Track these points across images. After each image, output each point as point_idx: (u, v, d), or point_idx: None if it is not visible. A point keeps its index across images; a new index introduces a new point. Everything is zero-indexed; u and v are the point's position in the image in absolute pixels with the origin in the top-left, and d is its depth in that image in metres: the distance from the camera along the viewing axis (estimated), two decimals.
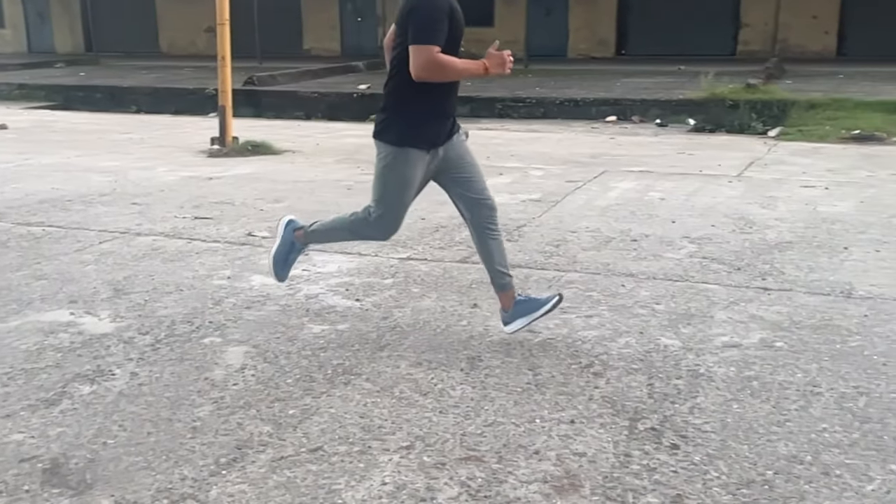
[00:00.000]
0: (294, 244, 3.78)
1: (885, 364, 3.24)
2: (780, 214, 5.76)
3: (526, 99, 13.22)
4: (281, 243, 3.78)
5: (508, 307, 3.53)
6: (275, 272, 3.80)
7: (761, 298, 4.04)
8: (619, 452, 2.64)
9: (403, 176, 3.39)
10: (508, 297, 3.53)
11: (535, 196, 6.47)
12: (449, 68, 3.18)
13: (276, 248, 3.79)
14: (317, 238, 3.80)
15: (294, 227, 3.79)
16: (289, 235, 3.78)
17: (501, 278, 3.54)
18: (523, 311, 3.50)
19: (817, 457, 2.58)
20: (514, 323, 3.51)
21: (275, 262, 3.79)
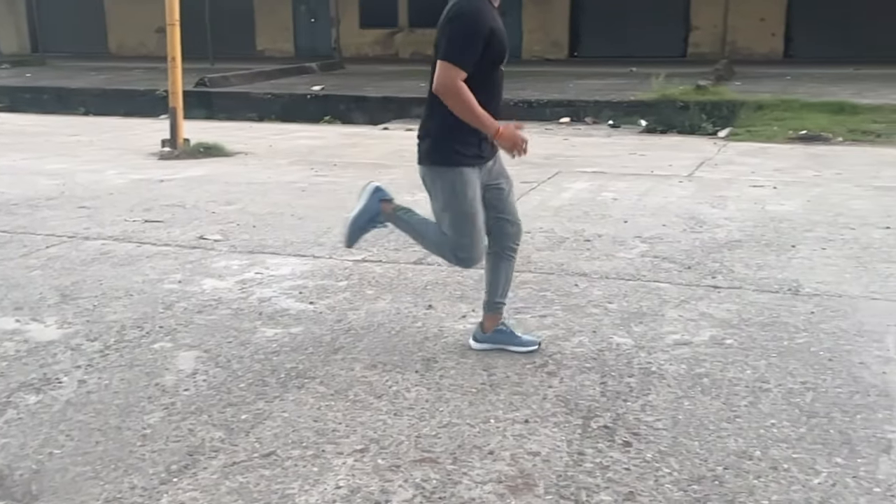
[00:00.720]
0: (378, 214, 3.43)
1: (830, 360, 3.31)
2: (730, 214, 5.85)
3: None
4: (364, 209, 3.41)
5: (489, 330, 3.45)
6: (348, 235, 3.45)
7: (711, 296, 4.10)
8: (573, 451, 2.66)
9: (465, 197, 3.16)
10: (494, 321, 3.45)
11: None
12: (463, 103, 2.98)
13: (356, 213, 3.42)
14: (402, 226, 3.47)
15: (381, 197, 3.43)
16: (374, 204, 3.41)
17: (498, 304, 3.44)
18: (500, 340, 3.44)
19: (766, 452, 2.62)
20: (484, 344, 3.45)
21: (352, 226, 3.42)
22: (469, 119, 3.02)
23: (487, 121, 3.02)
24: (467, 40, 3.00)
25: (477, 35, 3.00)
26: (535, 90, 13.98)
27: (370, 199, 3.42)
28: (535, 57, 20.91)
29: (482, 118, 3.01)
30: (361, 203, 3.44)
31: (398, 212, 3.43)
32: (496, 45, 3.06)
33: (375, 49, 22.66)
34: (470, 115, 3.01)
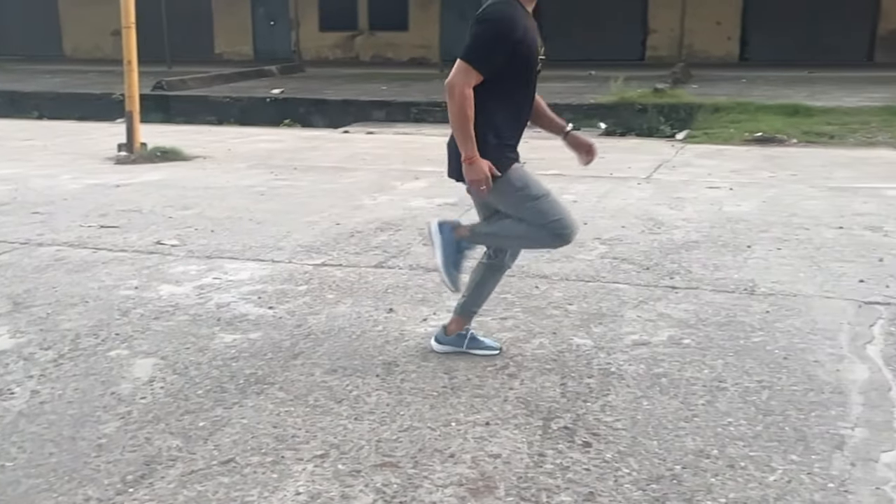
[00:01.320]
0: (460, 243, 3.34)
1: (785, 358, 3.36)
2: (688, 215, 5.92)
3: (442, 103, 13.16)
4: (444, 250, 3.32)
5: (452, 333, 3.43)
6: (449, 280, 3.35)
7: (669, 297, 4.14)
8: (534, 452, 2.66)
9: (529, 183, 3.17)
10: (459, 324, 3.43)
11: (452, 200, 6.48)
12: (461, 111, 2.94)
13: (440, 257, 3.33)
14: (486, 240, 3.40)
15: (450, 228, 3.36)
16: (449, 238, 3.33)
17: (471, 310, 3.44)
18: (460, 343, 3.41)
19: (723, 450, 2.65)
20: (445, 346, 3.44)
21: (446, 270, 3.33)
22: (456, 127, 2.98)
23: (470, 142, 2.97)
24: (490, 44, 2.94)
25: (501, 41, 2.94)
26: None
27: (442, 236, 3.35)
28: None
29: (467, 136, 2.96)
30: (437, 245, 3.35)
31: (475, 230, 3.37)
32: (522, 54, 3.00)
33: (336, 52, 22.57)
34: (460, 125, 2.96)
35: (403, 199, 6.55)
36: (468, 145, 2.98)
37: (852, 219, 5.68)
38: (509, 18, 2.95)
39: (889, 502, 2.34)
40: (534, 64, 3.08)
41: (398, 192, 6.81)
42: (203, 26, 23.16)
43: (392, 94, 14.26)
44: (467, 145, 2.98)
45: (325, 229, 5.53)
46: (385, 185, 7.12)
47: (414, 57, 21.34)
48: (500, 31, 2.94)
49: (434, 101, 13.29)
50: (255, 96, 14.65)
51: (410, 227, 5.59)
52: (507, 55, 2.96)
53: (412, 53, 21.50)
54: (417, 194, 6.72)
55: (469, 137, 2.97)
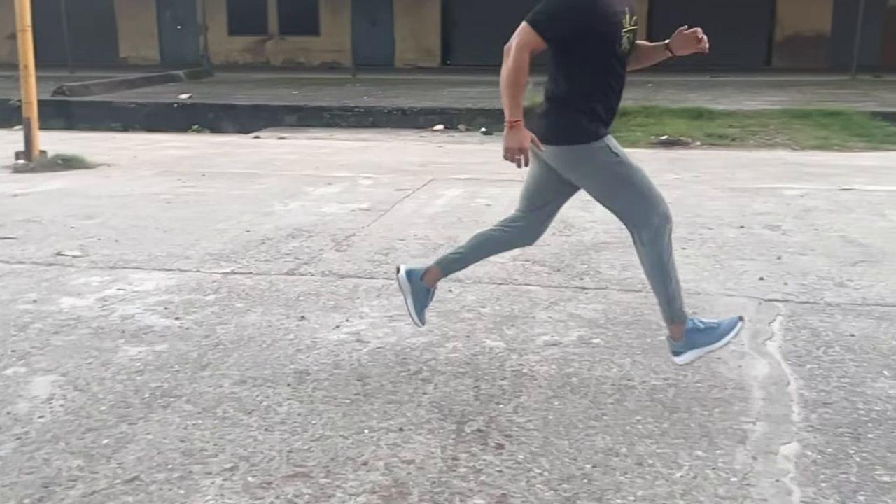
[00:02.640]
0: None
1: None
2: (597, 216, 6.01)
3: (354, 108, 13.21)
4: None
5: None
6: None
7: (579, 297, 4.21)
8: (447, 456, 2.66)
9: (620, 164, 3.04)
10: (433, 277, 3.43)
11: (365, 205, 6.46)
12: (510, 72, 2.86)
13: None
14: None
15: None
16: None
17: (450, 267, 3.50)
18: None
19: (632, 448, 2.70)
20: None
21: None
22: (503, 88, 2.90)
23: (516, 107, 2.89)
24: (560, 8, 2.84)
25: (571, 10, 2.84)
26: (408, 98, 14.06)
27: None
28: (408, 65, 21.04)
29: (514, 100, 2.88)
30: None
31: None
32: (600, 28, 2.87)
33: (246, 56, 22.22)
34: (507, 87, 2.88)
35: (316, 204, 6.48)
36: (513, 109, 2.89)
37: (753, 218, 5.89)
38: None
39: (788, 494, 2.43)
40: (616, 37, 2.93)
41: (310, 198, 6.73)
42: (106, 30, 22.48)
43: (304, 99, 14.12)
44: (512, 109, 2.89)
45: (235, 237, 5.42)
46: (297, 190, 7.03)
47: (326, 62, 21.19)
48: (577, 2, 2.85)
49: (346, 106, 13.24)
50: (161, 102, 14.28)
51: (323, 233, 5.53)
52: (577, 26, 2.85)
53: (324, 58, 21.35)
54: (330, 200, 6.66)
55: (516, 103, 2.88)
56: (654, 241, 3.06)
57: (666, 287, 3.11)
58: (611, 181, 3.07)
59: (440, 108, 13.03)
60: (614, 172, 3.05)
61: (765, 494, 2.42)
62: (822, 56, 19.21)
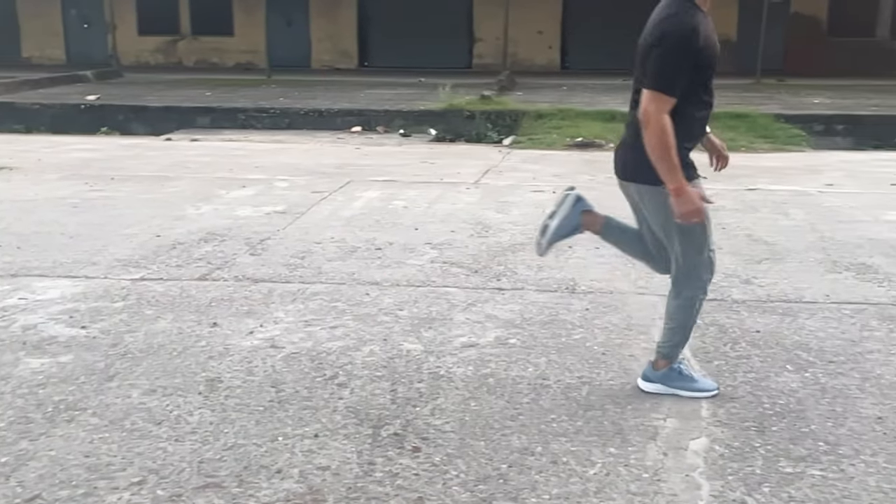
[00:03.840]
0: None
1: (604, 354, 3.51)
2: (514, 218, 6.08)
3: (270, 109, 12.99)
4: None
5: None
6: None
7: (496, 298, 4.24)
8: (363, 461, 2.64)
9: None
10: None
11: (280, 208, 6.37)
12: (661, 141, 2.73)
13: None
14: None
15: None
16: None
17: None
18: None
19: (547, 447, 2.73)
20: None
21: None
22: (656, 158, 2.76)
23: (675, 172, 2.75)
24: (677, 66, 2.74)
25: (687, 59, 2.74)
26: (325, 99, 13.92)
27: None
28: (325, 66, 20.85)
29: (672, 165, 2.74)
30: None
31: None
32: (704, 62, 2.80)
33: (157, 57, 21.64)
34: (661, 156, 2.74)
35: (229, 207, 6.35)
36: (674, 176, 2.75)
37: None
38: (690, 30, 2.74)
39: (697, 488, 2.49)
40: (715, 67, 2.89)
41: (224, 201, 6.60)
42: (8, 29, 21.55)
43: (218, 100, 13.83)
44: (673, 176, 2.75)
45: (145, 242, 5.27)
46: (210, 193, 6.88)
47: (240, 62, 20.82)
48: (683, 49, 2.74)
49: (261, 108, 13.02)
50: (68, 103, 13.77)
51: (237, 236, 5.43)
52: (692, 69, 2.78)
53: (238, 59, 20.97)
54: (244, 203, 6.54)
55: (674, 167, 2.75)
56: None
57: (683, 334, 3.12)
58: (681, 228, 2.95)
59: (358, 110, 12.94)
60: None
61: (675, 489, 2.48)
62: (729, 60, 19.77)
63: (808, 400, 3.06)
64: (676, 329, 3.08)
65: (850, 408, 2.99)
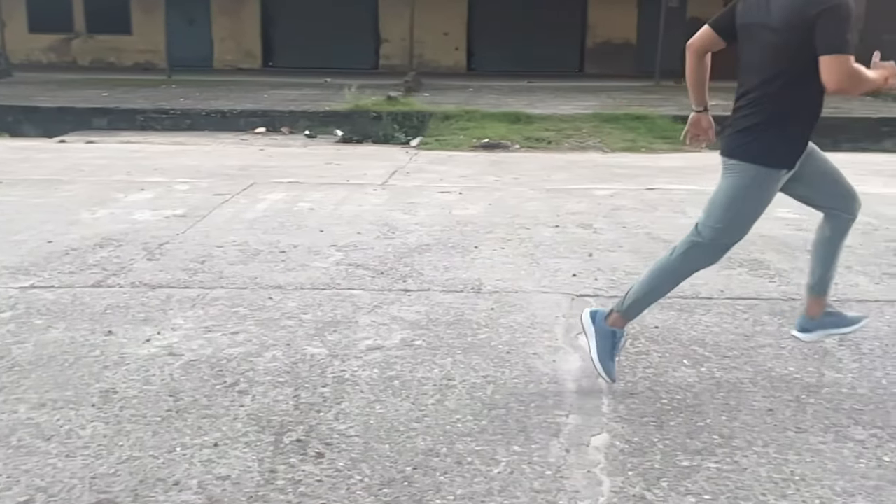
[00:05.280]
0: (615, 332, 3.16)
1: (508, 353, 3.54)
2: (420, 219, 6.08)
3: (170, 110, 12.65)
4: (599, 340, 3.14)
5: (816, 315, 3.31)
6: (606, 373, 3.13)
7: (402, 300, 4.22)
8: (265, 469, 2.58)
9: (763, 199, 3.00)
10: (821, 304, 3.31)
11: (180, 211, 6.19)
12: (864, 80, 2.76)
13: (596, 348, 3.14)
14: (640, 307, 3.21)
15: (603, 316, 3.18)
16: (602, 327, 3.15)
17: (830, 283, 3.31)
18: (830, 323, 3.33)
19: (452, 447, 2.73)
20: (816, 333, 3.36)
21: (602, 363, 3.12)
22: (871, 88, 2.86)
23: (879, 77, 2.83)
24: (849, 26, 2.72)
25: (852, 16, 2.75)
26: (228, 100, 13.65)
27: (595, 326, 3.17)
28: (228, 66, 20.45)
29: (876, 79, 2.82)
30: (592, 337, 3.17)
31: (624, 309, 3.17)
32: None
33: (50, 56, 20.79)
34: (871, 84, 2.82)
35: (127, 211, 6.14)
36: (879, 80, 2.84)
37: (567, 217, 6.14)
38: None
39: (599, 484, 2.52)
40: None
41: (121, 205, 6.37)
42: None
43: (115, 101, 13.38)
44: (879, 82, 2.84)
45: (35, 248, 5.03)
46: (106, 197, 6.64)
47: (139, 62, 20.21)
48: (851, 11, 2.74)
49: (161, 109, 12.66)
50: None
51: (134, 241, 5.25)
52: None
53: (137, 58, 20.35)
54: (143, 206, 6.33)
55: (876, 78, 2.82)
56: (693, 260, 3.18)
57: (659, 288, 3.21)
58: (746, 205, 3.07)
59: (262, 111, 12.72)
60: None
61: (577, 486, 2.51)
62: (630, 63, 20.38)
63: (704, 394, 3.15)
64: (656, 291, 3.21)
65: (744, 401, 3.10)
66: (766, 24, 2.84)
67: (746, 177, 2.96)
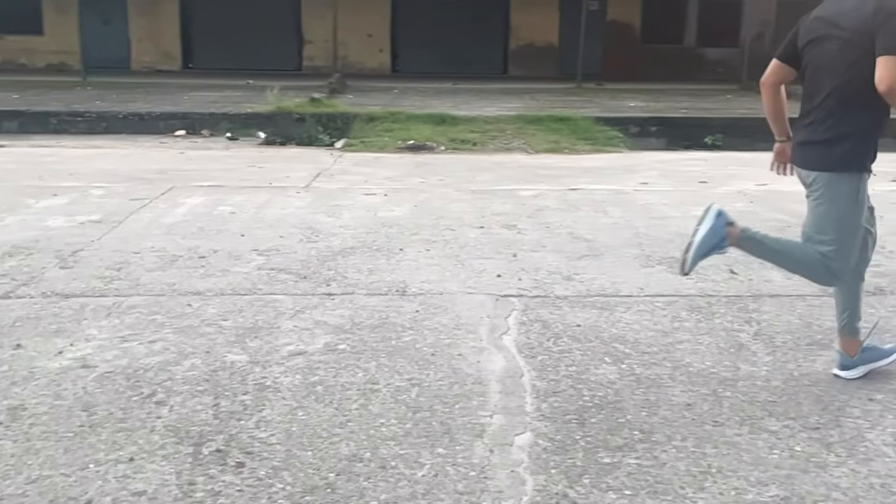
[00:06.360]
0: (724, 239, 3.13)
1: (433, 355, 3.53)
2: (345, 222, 6.03)
3: (85, 113, 12.24)
4: (711, 232, 3.10)
5: (856, 353, 3.30)
6: (691, 261, 3.13)
7: (326, 304, 4.17)
8: (183, 482, 2.51)
9: (862, 206, 3.06)
10: (856, 344, 3.31)
11: (96, 217, 6.00)
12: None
13: (703, 235, 3.11)
14: (752, 249, 3.23)
15: (726, 221, 3.14)
16: (720, 228, 3.12)
17: (856, 325, 3.30)
18: (873, 357, 3.33)
19: (375, 452, 2.70)
20: (858, 370, 3.31)
21: (697, 251, 3.11)
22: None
23: None
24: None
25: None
26: (146, 102, 13.30)
27: (716, 222, 3.13)
28: (146, 68, 19.94)
29: None
30: (706, 227, 3.13)
31: (745, 234, 3.19)
32: None
33: None
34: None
35: (39, 218, 5.92)
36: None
37: (492, 218, 6.17)
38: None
39: (522, 483, 2.54)
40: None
41: (32, 211, 6.14)
42: None
43: (26, 104, 12.89)
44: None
45: None
46: (16, 203, 6.39)
47: (52, 63, 19.54)
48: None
49: (76, 111, 12.25)
50: None
51: (46, 249, 5.06)
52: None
53: (49, 59, 19.67)
54: (56, 212, 6.12)
55: None
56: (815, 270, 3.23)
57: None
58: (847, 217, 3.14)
59: (182, 113, 12.42)
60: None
61: (501, 486, 2.52)
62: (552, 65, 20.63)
63: (625, 391, 3.20)
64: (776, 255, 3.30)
65: (663, 396, 3.16)
66: (837, 35, 2.97)
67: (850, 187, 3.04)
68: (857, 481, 2.58)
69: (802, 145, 3.16)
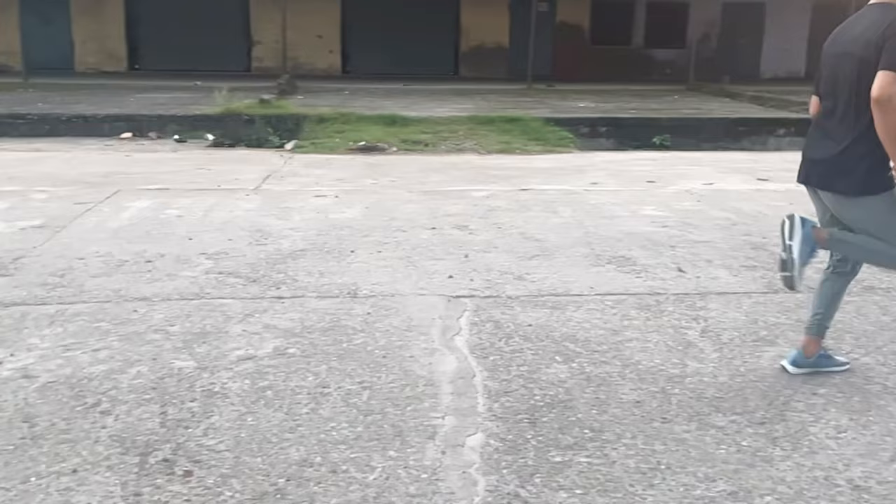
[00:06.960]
0: (816, 244, 3.19)
1: (384, 357, 3.51)
2: (295, 224, 5.97)
3: (27, 115, 11.95)
4: (804, 242, 3.16)
5: (812, 354, 3.39)
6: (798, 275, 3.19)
7: (275, 307, 4.12)
8: (128, 493, 2.46)
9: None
10: (817, 344, 3.39)
11: (38, 222, 5.85)
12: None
13: (799, 248, 3.16)
14: (845, 248, 3.26)
15: (812, 226, 3.20)
16: (809, 235, 3.17)
17: (826, 325, 3.40)
18: (824, 363, 3.41)
19: (326, 456, 2.68)
20: (804, 369, 3.40)
21: (800, 263, 3.17)
22: (889, 139, 2.89)
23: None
24: None
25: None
26: (90, 104, 13.04)
27: (804, 231, 3.18)
28: (91, 69, 19.56)
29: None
30: (798, 239, 3.18)
31: (833, 235, 3.23)
32: None
33: None
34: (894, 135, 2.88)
35: None
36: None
37: (443, 219, 6.17)
38: None
39: (474, 484, 2.53)
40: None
41: None
42: None
43: None
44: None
45: None
46: None
47: None
48: None
49: (16, 114, 11.95)
50: None
51: None
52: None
53: None
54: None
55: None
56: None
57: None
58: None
59: (128, 115, 12.20)
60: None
61: (452, 487, 2.51)
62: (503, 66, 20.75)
63: (575, 389, 3.22)
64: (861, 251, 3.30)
65: (613, 394, 3.18)
66: (853, 52, 3.02)
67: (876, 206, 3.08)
68: (801, 474, 2.63)
69: (815, 163, 3.21)
